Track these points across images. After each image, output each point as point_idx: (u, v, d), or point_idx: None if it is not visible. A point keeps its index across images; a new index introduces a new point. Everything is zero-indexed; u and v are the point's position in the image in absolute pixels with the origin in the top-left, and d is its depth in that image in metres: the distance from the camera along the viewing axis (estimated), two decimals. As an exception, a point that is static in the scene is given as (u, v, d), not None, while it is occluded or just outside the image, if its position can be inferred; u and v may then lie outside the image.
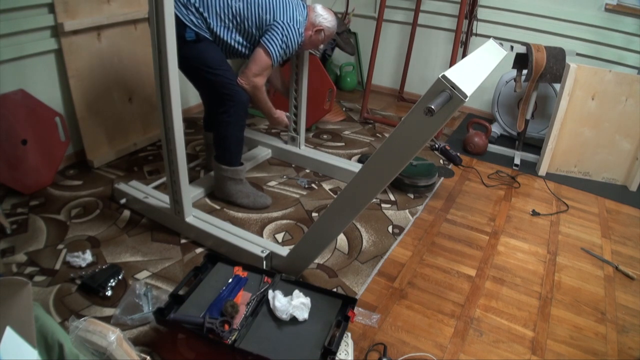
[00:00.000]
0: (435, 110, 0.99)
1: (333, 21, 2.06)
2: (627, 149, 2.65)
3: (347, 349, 1.44)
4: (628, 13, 2.94)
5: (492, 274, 1.90)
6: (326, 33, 2.05)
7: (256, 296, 1.50)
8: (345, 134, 3.12)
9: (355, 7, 3.91)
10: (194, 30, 1.84)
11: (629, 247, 2.17)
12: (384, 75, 4.03)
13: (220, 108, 1.98)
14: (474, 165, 2.84)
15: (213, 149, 2.14)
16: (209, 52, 1.90)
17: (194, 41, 1.85)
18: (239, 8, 1.87)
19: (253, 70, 1.94)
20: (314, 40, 2.06)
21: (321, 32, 2.04)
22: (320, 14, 2.02)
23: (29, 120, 2.09)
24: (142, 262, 1.79)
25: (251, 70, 1.94)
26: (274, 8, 1.90)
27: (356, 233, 2.07)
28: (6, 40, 1.98)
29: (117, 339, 1.21)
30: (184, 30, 1.80)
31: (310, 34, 2.03)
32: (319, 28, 2.02)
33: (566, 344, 1.59)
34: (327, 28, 2.04)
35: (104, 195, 2.19)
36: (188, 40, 1.83)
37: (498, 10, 3.34)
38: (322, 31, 2.04)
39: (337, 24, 2.08)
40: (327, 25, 2.03)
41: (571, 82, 2.53)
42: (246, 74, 1.95)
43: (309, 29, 2.02)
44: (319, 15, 2.02)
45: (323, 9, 2.05)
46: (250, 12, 1.89)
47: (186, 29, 1.82)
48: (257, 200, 2.17)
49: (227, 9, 1.87)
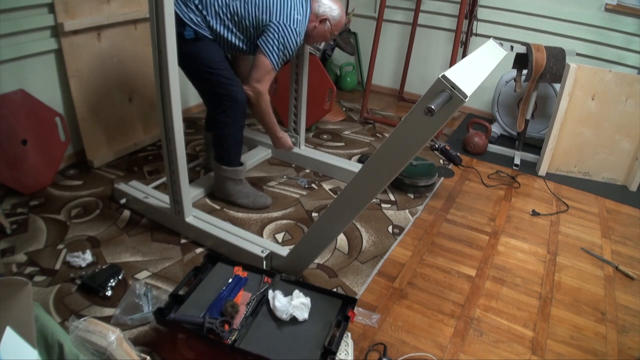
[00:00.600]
0: (435, 110, 0.99)
1: (338, 9, 1.98)
2: (627, 149, 2.65)
3: (347, 349, 1.44)
4: (628, 13, 2.94)
5: (492, 274, 1.90)
6: (332, 22, 1.98)
7: (256, 296, 1.50)
8: (345, 134, 3.12)
9: (355, 7, 3.91)
10: (193, 29, 1.84)
11: (629, 247, 2.17)
12: (384, 75, 4.03)
13: (219, 108, 1.98)
14: (474, 165, 2.84)
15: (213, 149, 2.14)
16: (207, 51, 1.89)
17: (193, 39, 1.85)
18: (237, 7, 1.86)
19: (255, 77, 1.93)
20: (319, 30, 1.99)
21: (326, 21, 1.97)
22: (323, 3, 1.96)
23: (29, 120, 2.09)
24: (142, 262, 1.79)
25: (253, 76, 1.93)
26: (271, 7, 1.87)
27: (356, 233, 2.07)
28: (6, 40, 1.98)
29: (117, 339, 1.21)
30: (183, 29, 1.80)
31: (314, 25, 1.97)
32: (323, 17, 1.96)
33: (566, 344, 1.59)
34: (332, 17, 1.97)
35: (104, 195, 2.19)
36: (187, 39, 1.83)
37: (498, 10, 3.34)
38: (326, 20, 1.97)
39: (343, 13, 2.01)
40: (331, 14, 1.97)
41: (571, 82, 2.53)
42: (249, 81, 1.94)
43: (313, 20, 1.96)
44: (322, 4, 1.96)
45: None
46: (247, 12, 1.87)
47: (185, 27, 1.81)
48: (257, 201, 2.17)
49: (225, 7, 1.86)
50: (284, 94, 2.83)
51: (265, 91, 1.97)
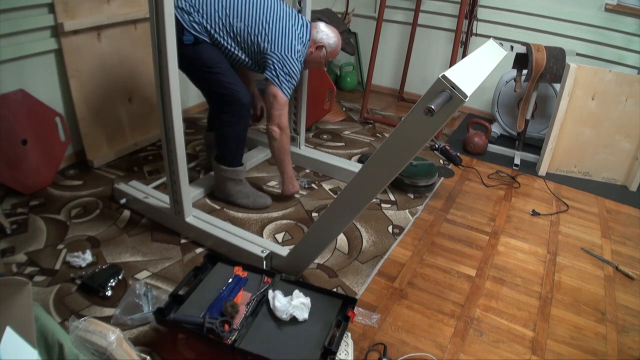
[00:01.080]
0: (435, 110, 0.99)
1: (334, 38, 2.05)
2: (627, 149, 2.65)
3: (347, 349, 1.44)
4: (628, 13, 2.95)
5: (492, 274, 1.90)
6: (328, 50, 2.05)
7: (256, 296, 1.50)
8: (345, 134, 3.12)
9: (355, 7, 3.91)
10: (193, 35, 1.85)
11: (629, 247, 2.17)
12: (384, 75, 4.03)
13: (222, 108, 1.99)
14: (474, 165, 2.84)
15: (214, 148, 2.14)
16: (206, 53, 1.90)
17: (192, 44, 1.86)
18: (239, 28, 1.89)
19: (275, 114, 1.97)
20: (315, 57, 2.05)
21: (322, 48, 2.04)
22: (322, 30, 2.04)
23: (29, 120, 2.09)
24: (142, 262, 1.79)
25: (274, 114, 1.98)
26: (274, 38, 1.90)
27: (356, 233, 2.07)
28: (6, 40, 1.98)
29: (117, 339, 1.21)
30: (182, 34, 1.81)
31: (311, 51, 2.04)
32: (320, 44, 2.03)
33: (566, 344, 1.59)
34: (328, 45, 2.04)
35: (104, 195, 2.19)
36: (186, 44, 1.84)
37: (498, 10, 3.34)
38: (323, 47, 2.04)
39: (339, 42, 2.08)
40: (328, 42, 2.03)
41: (571, 82, 2.53)
42: (271, 119, 1.99)
43: (311, 46, 2.03)
44: (320, 31, 2.03)
45: (326, 26, 2.06)
46: (250, 37, 1.91)
47: (184, 32, 1.83)
48: (257, 201, 2.18)
49: (229, 27, 1.89)
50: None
51: (287, 126, 2.04)
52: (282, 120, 2.00)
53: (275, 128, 2.01)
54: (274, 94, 1.93)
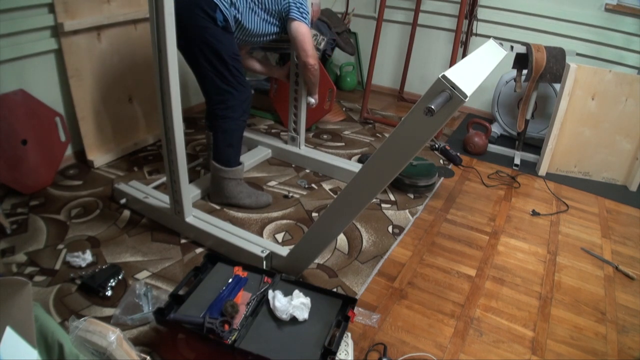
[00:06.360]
0: (435, 110, 0.99)
1: None
2: (627, 149, 2.65)
3: (347, 349, 1.44)
4: (628, 13, 2.95)
5: (492, 274, 1.90)
6: (314, 8, 2.25)
7: (256, 296, 1.50)
8: (345, 134, 3.12)
9: (355, 7, 3.91)
10: (222, 14, 1.87)
11: (629, 247, 2.17)
12: (384, 75, 4.03)
13: (224, 103, 1.98)
14: (474, 165, 2.84)
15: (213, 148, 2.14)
16: (232, 43, 1.94)
17: (223, 28, 1.89)
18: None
19: (307, 47, 2.10)
20: None
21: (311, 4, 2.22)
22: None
23: (29, 120, 2.09)
24: (142, 262, 1.79)
25: (307, 49, 2.10)
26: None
27: (356, 233, 2.07)
28: (6, 40, 1.98)
29: (117, 339, 1.21)
30: (214, 12, 1.85)
31: None
32: None
33: (566, 344, 1.59)
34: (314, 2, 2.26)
35: (104, 195, 2.19)
36: (220, 26, 1.87)
37: (498, 10, 3.34)
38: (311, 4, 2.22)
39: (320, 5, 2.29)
40: None
41: (571, 82, 2.53)
42: (307, 54, 2.11)
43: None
44: None
45: None
46: None
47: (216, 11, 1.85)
48: (260, 199, 2.17)
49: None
50: (284, 94, 2.84)
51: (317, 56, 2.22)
52: (314, 52, 2.16)
53: (314, 62, 2.15)
54: (303, 30, 2.05)
